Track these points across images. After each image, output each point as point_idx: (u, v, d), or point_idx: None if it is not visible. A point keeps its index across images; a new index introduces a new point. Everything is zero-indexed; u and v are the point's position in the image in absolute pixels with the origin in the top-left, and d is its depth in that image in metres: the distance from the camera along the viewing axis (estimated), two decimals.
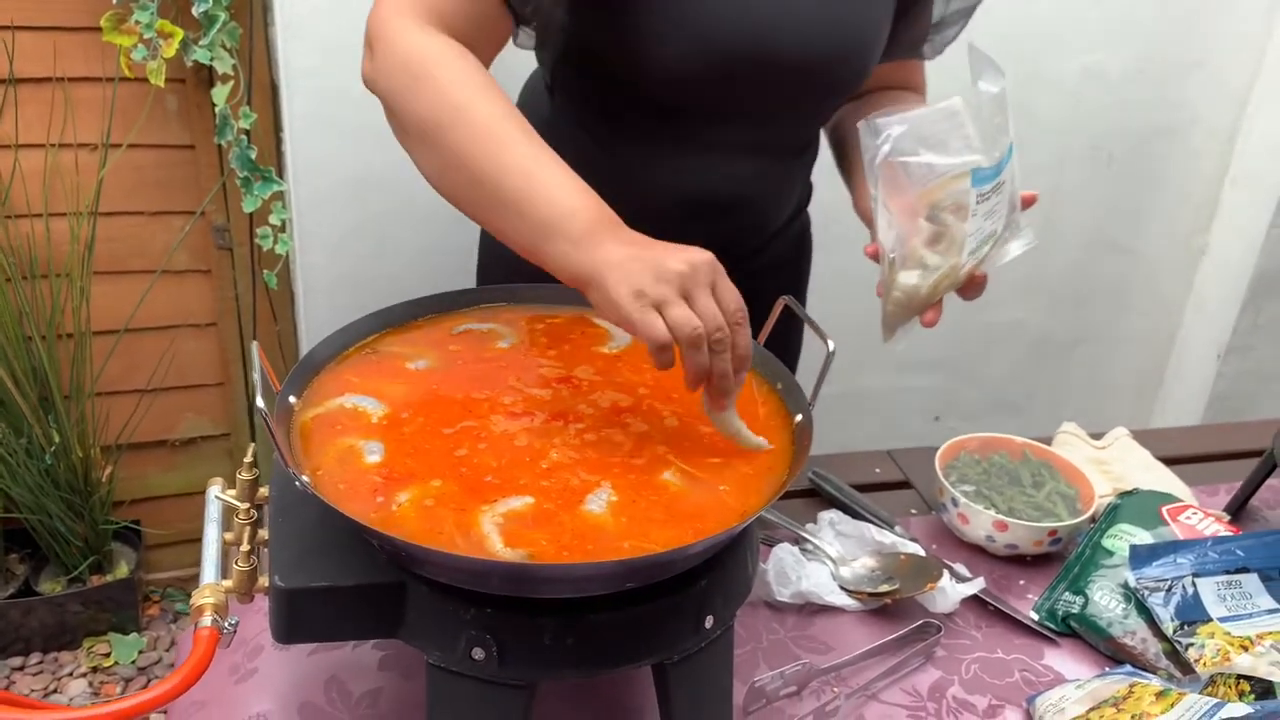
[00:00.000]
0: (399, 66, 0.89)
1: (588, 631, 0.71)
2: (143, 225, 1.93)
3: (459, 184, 0.86)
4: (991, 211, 0.91)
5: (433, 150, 0.87)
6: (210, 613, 0.72)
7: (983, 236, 0.92)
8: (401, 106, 0.89)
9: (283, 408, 0.80)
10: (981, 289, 0.98)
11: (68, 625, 2.10)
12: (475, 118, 0.85)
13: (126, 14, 1.67)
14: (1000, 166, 0.89)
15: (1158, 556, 0.99)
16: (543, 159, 0.83)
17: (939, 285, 0.94)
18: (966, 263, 0.93)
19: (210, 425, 2.16)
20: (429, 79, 0.87)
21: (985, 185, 0.88)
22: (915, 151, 0.87)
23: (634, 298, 0.74)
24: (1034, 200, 0.97)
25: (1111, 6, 2.12)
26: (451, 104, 0.86)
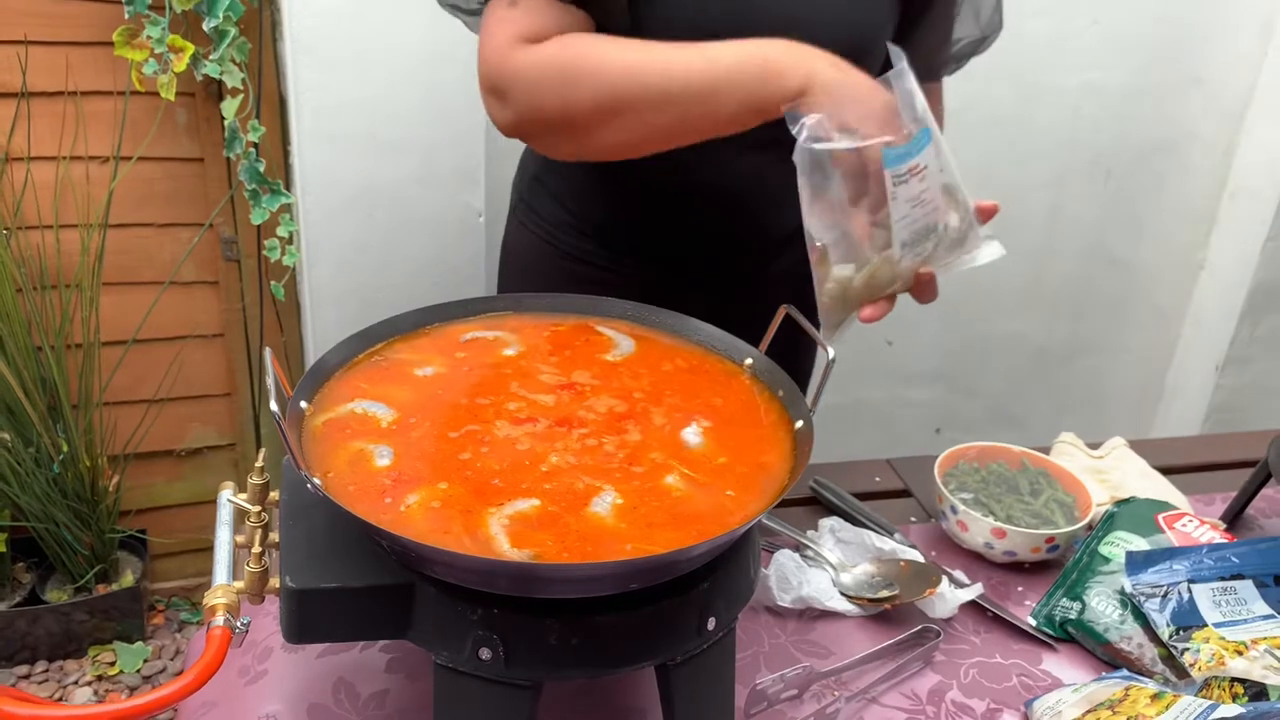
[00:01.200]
0: (545, 81, 0.95)
1: (593, 632, 0.72)
2: (152, 237, 1.95)
3: (667, 117, 0.93)
4: (919, 200, 0.91)
5: (618, 117, 0.94)
6: (223, 612, 0.74)
7: (916, 227, 0.92)
8: (569, 107, 0.94)
9: (294, 412, 0.81)
10: (933, 290, 0.98)
11: (73, 634, 2.12)
12: (637, 59, 0.92)
13: (138, 29, 1.70)
14: (913, 148, 0.89)
15: (1154, 563, 1.01)
16: (700, 47, 0.92)
17: (875, 276, 0.95)
18: (903, 256, 0.93)
19: (216, 435, 2.18)
20: (573, 70, 0.94)
21: (900, 165, 0.89)
22: (828, 137, 0.89)
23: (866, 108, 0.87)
24: (994, 211, 0.97)
25: (1109, 24, 2.14)
26: (604, 71, 0.93)
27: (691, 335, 0.98)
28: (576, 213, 1.22)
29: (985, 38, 1.20)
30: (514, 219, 1.31)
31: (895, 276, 0.95)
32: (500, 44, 0.97)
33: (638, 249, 1.22)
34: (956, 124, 1.32)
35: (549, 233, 1.25)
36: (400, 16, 1.69)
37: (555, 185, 1.24)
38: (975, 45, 1.20)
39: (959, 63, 1.22)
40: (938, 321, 2.30)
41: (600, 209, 1.21)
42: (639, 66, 0.92)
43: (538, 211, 1.26)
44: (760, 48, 0.90)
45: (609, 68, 0.93)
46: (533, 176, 1.27)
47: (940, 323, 2.32)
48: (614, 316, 1.01)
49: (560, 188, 1.23)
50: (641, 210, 1.19)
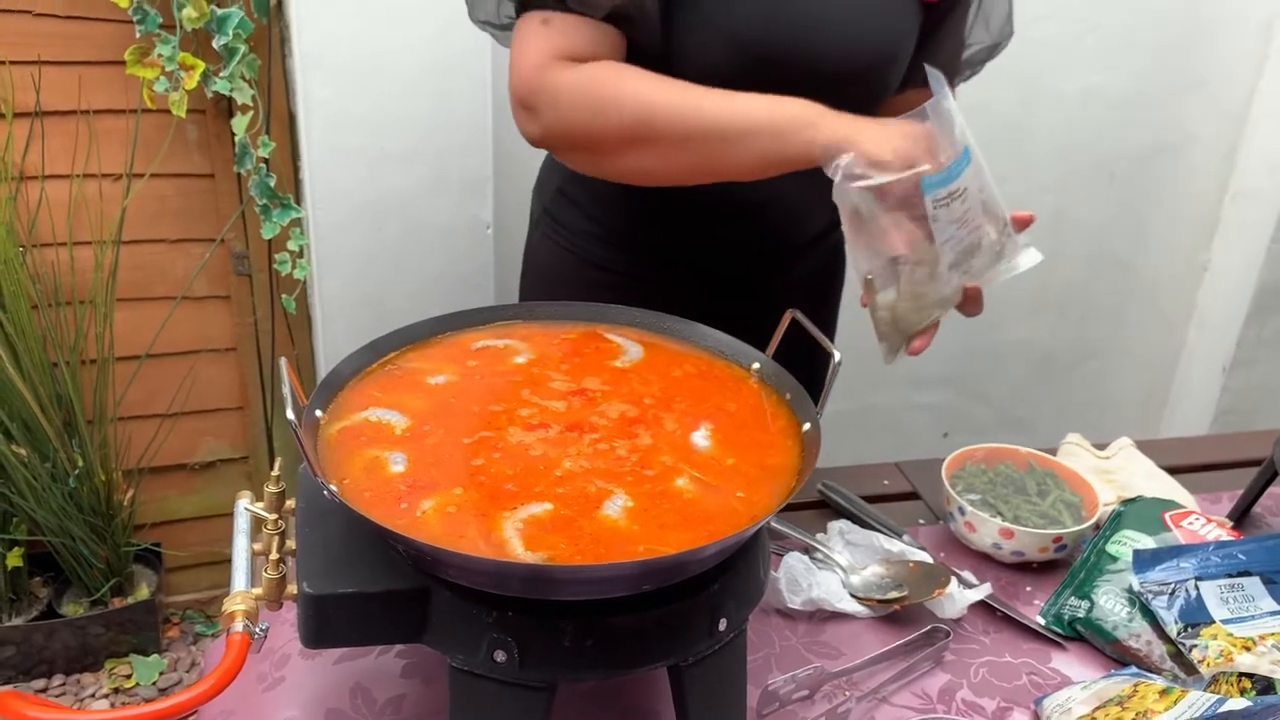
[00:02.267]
0: (577, 102, 0.98)
1: (606, 634, 0.73)
2: (164, 253, 1.97)
3: (691, 153, 0.97)
4: (962, 220, 0.92)
5: (648, 146, 0.97)
6: (242, 618, 0.76)
7: (960, 247, 0.94)
8: (597, 132, 0.98)
9: (309, 421, 0.83)
10: (980, 304, 1.00)
11: (90, 647, 2.13)
12: (667, 98, 0.95)
13: (149, 48, 1.73)
14: (952, 173, 0.91)
15: (1161, 561, 1.01)
16: (728, 94, 0.95)
17: (924, 302, 0.96)
18: (949, 276, 0.95)
19: (229, 449, 2.20)
20: (610, 95, 0.97)
21: (939, 190, 0.90)
22: (866, 174, 0.90)
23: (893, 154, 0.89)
24: (1030, 221, 0.99)
25: (1111, 29, 2.16)
26: (643, 101, 0.96)
27: (699, 341, 1.00)
28: (603, 223, 1.24)
29: (997, 44, 1.21)
30: (537, 231, 1.32)
31: (944, 298, 0.97)
32: (534, 60, 0.99)
33: (663, 257, 1.23)
34: None
35: (574, 244, 1.26)
36: (408, 30, 1.71)
37: (581, 197, 1.25)
38: (988, 52, 1.22)
39: (973, 69, 1.24)
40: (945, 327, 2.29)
41: (625, 220, 1.23)
42: (672, 103, 0.95)
43: (563, 223, 1.27)
44: (791, 104, 0.94)
45: (642, 100, 0.96)
46: (557, 189, 1.28)
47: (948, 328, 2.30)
48: (622, 324, 1.02)
49: (586, 200, 1.25)
50: (667, 220, 1.20)
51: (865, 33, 1.08)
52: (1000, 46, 1.21)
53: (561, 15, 0.99)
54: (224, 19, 1.70)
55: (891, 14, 1.09)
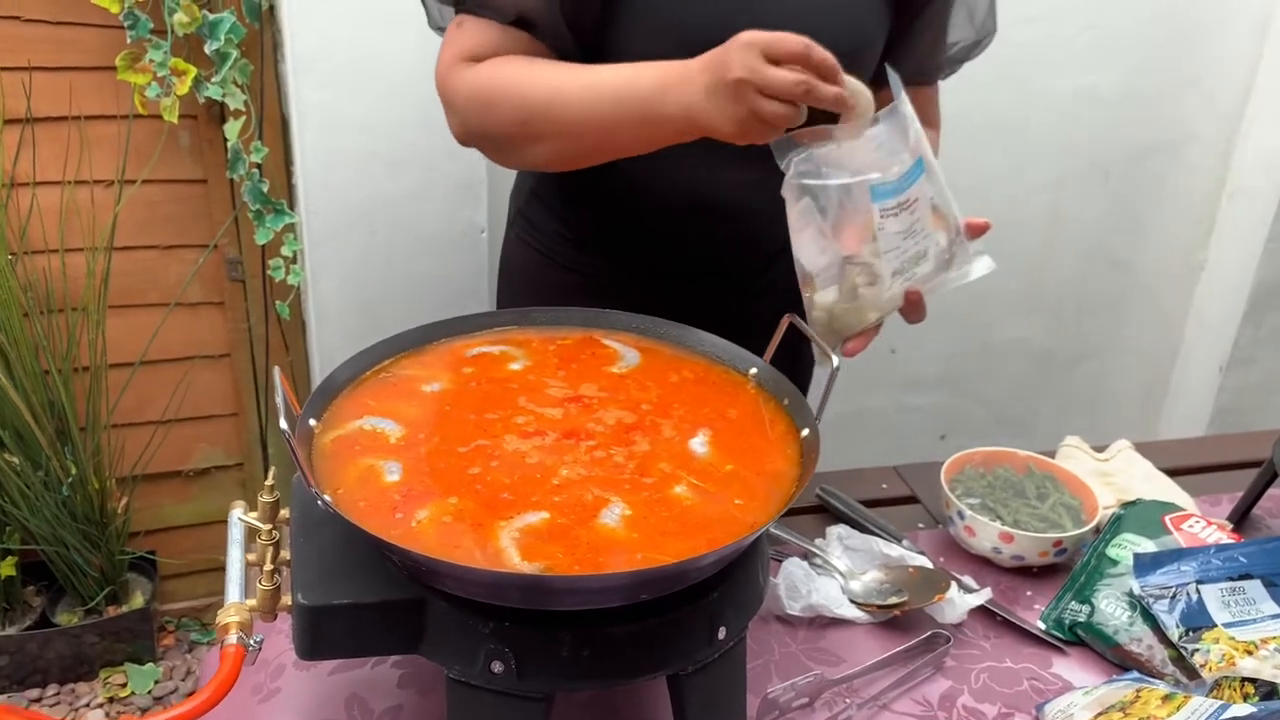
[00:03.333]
0: (472, 104, 1.02)
1: (604, 643, 0.73)
2: (157, 259, 1.96)
3: (573, 145, 1.00)
4: (910, 231, 0.92)
5: (540, 140, 1.00)
6: (236, 630, 0.75)
7: (904, 256, 0.93)
8: (492, 130, 1.02)
9: (303, 430, 0.82)
10: (921, 310, 1.00)
11: (84, 656, 2.12)
12: (540, 92, 0.98)
13: (141, 53, 1.72)
14: (903, 183, 0.91)
15: (1162, 565, 1.01)
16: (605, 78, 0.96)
17: (862, 305, 0.95)
18: (891, 283, 0.94)
19: (224, 456, 2.18)
20: (496, 93, 1.00)
21: (888, 200, 0.90)
22: (817, 173, 0.90)
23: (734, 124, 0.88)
24: (985, 228, 0.98)
25: (1105, 28, 2.15)
26: (522, 97, 0.99)
27: (696, 346, 0.99)
28: (574, 226, 1.23)
29: (979, 41, 1.20)
30: (511, 233, 1.32)
31: (883, 302, 0.96)
32: (445, 62, 1.04)
33: (635, 261, 1.22)
34: (954, 130, 1.33)
35: (547, 246, 1.26)
36: (399, 35, 1.70)
37: (552, 199, 1.25)
38: (969, 49, 1.21)
39: (953, 66, 1.23)
40: (941, 328, 2.30)
41: (597, 222, 1.22)
42: (546, 98, 0.98)
43: (535, 225, 1.27)
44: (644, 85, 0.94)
45: (519, 96, 0.99)
46: (530, 191, 1.28)
47: (943, 329, 2.32)
48: (619, 329, 1.01)
49: (557, 202, 1.24)
50: (637, 223, 1.20)
51: (826, 32, 1.06)
52: (983, 43, 1.20)
53: (473, 19, 1.03)
54: (215, 24, 1.69)
55: (856, 10, 1.08)
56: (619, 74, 0.96)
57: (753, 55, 0.86)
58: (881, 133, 0.92)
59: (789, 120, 0.87)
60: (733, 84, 0.86)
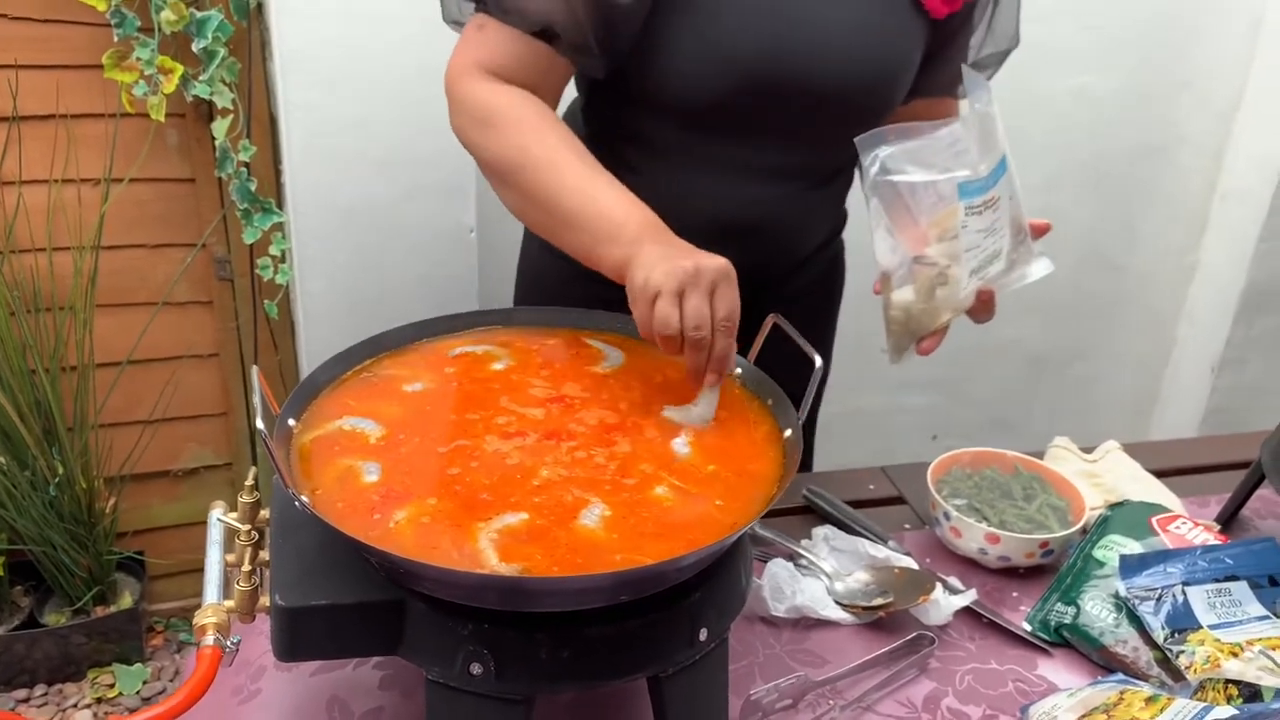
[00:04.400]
0: (471, 119, 1.01)
1: (583, 645, 0.72)
2: (144, 258, 1.95)
3: (536, 217, 1.01)
4: (991, 229, 0.92)
5: (510, 189, 1.01)
6: (213, 632, 0.74)
7: (983, 255, 0.93)
8: (478, 154, 1.02)
9: (282, 430, 0.81)
10: (992, 310, 1.00)
11: (72, 657, 2.11)
12: (538, 155, 0.97)
13: (127, 51, 1.71)
14: (990, 181, 0.90)
15: (1148, 566, 1.01)
16: (597, 180, 0.96)
17: (938, 305, 0.95)
18: (968, 282, 0.94)
19: (213, 455, 2.18)
20: (495, 127, 0.99)
21: (975, 198, 0.90)
22: (903, 169, 0.89)
23: (641, 285, 0.85)
24: (1046, 229, 0.99)
25: (1099, 30, 2.15)
26: (516, 146, 0.98)
27: None
28: None
29: (1007, 51, 1.22)
30: (534, 241, 1.30)
31: (958, 302, 0.96)
32: (460, 63, 1.03)
33: None
34: None
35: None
36: (389, 33, 1.69)
37: None
38: (999, 59, 1.22)
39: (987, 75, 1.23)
40: None
41: None
42: (536, 165, 0.97)
43: None
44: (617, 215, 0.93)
45: (510, 142, 0.99)
46: None
47: None
48: (603, 329, 1.01)
49: None
50: None
51: (866, 53, 1.07)
52: (1008, 53, 1.22)
53: (496, 24, 1.01)
54: (203, 22, 1.68)
55: (893, 33, 1.09)
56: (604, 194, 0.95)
57: (709, 274, 0.86)
58: (968, 128, 0.92)
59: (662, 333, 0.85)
60: (677, 269, 0.84)
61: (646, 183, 1.09)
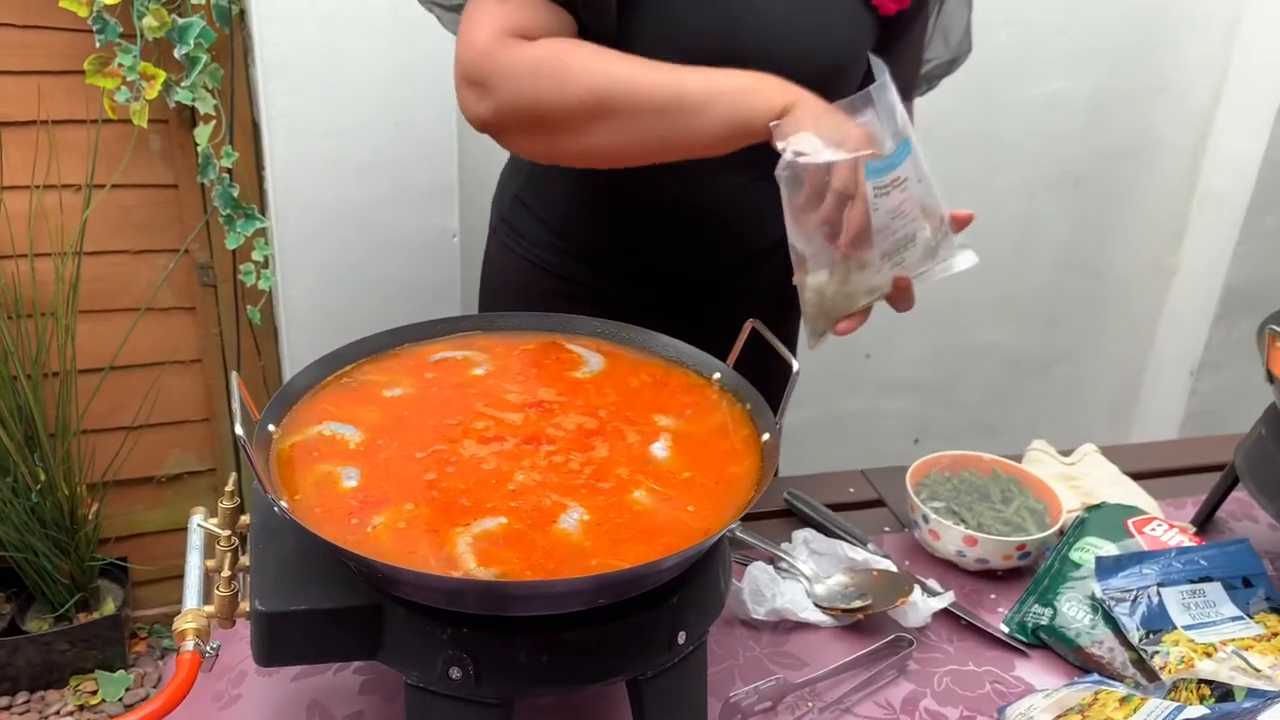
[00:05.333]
0: (534, 76, 0.96)
1: (562, 649, 0.73)
2: (127, 264, 1.95)
3: (649, 127, 0.95)
4: (898, 210, 0.92)
5: (606, 120, 0.95)
6: (192, 637, 0.75)
7: (895, 238, 0.94)
8: (555, 106, 0.96)
9: (262, 436, 0.81)
10: (910, 297, 0.99)
11: (55, 664, 2.10)
12: (625, 70, 0.94)
13: (110, 57, 1.71)
14: (894, 160, 0.91)
15: (1123, 568, 1.02)
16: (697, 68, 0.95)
17: (853, 288, 0.96)
18: (881, 265, 0.95)
19: (196, 461, 2.17)
20: (567, 68, 0.95)
21: (881, 177, 0.90)
22: (815, 152, 0.90)
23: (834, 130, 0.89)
24: (968, 220, 0.99)
25: (1075, 34, 2.17)
26: (599, 72, 0.94)
27: (660, 350, 0.99)
28: (559, 231, 1.23)
29: (955, 59, 1.22)
30: (495, 239, 1.32)
31: (873, 286, 0.97)
32: (487, 35, 0.97)
33: (621, 266, 1.22)
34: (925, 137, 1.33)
35: (532, 252, 1.25)
36: (370, 40, 1.70)
37: (537, 205, 1.24)
38: (946, 67, 1.23)
39: (930, 84, 1.24)
40: (914, 333, 2.32)
41: (583, 228, 1.22)
42: (633, 74, 0.95)
43: (520, 231, 1.26)
44: (748, 74, 0.94)
45: (603, 71, 0.95)
46: (513, 196, 1.27)
47: (917, 334, 2.34)
48: (584, 334, 1.01)
49: (542, 207, 1.24)
50: (623, 228, 1.20)
51: (822, 42, 1.08)
52: (958, 61, 1.22)
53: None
54: (185, 28, 1.68)
55: (842, 25, 1.10)
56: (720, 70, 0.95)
57: None
58: (870, 118, 0.93)
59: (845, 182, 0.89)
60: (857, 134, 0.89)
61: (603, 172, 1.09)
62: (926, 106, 1.31)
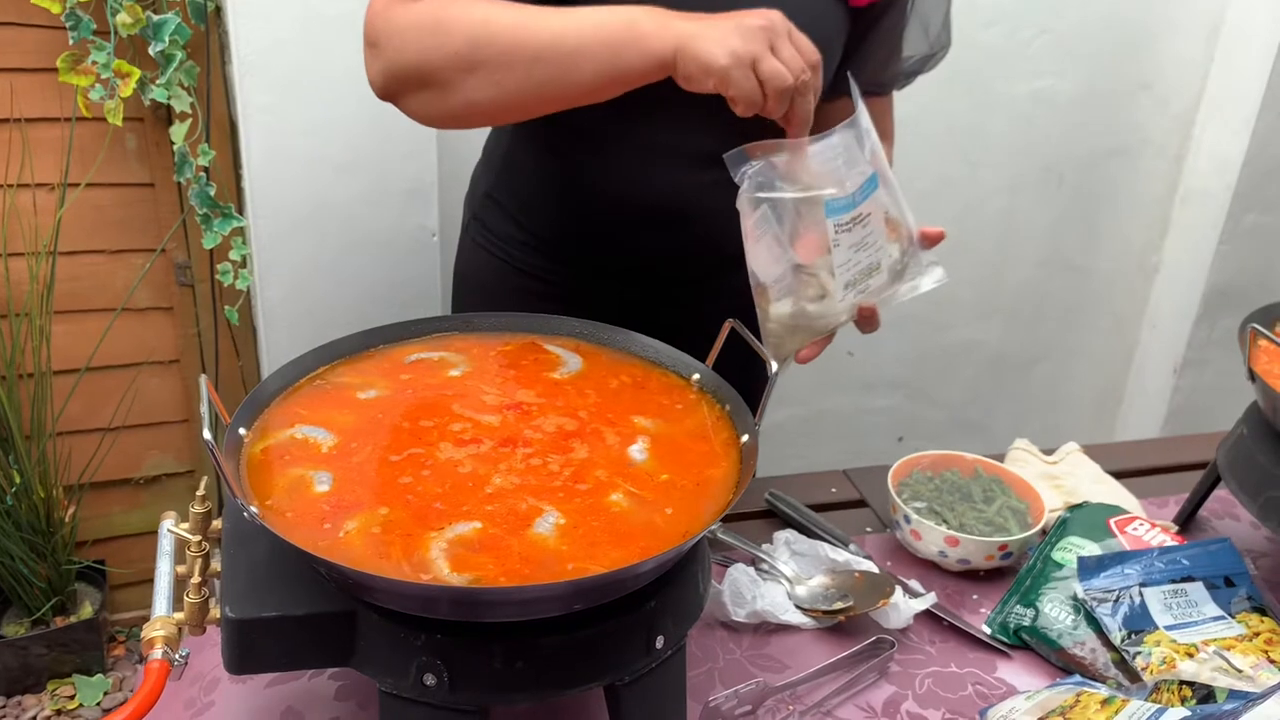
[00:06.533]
0: (419, 31, 0.95)
1: (538, 655, 0.72)
2: (103, 264, 1.93)
3: (524, 76, 0.92)
4: (862, 244, 0.92)
5: (485, 68, 0.93)
6: (161, 645, 0.73)
7: (857, 269, 0.93)
8: (436, 60, 0.94)
9: (233, 440, 0.80)
10: (875, 322, 0.99)
11: (32, 668, 2.08)
12: (504, 17, 0.92)
13: (83, 54, 1.68)
14: (856, 198, 0.91)
15: (1105, 568, 1.01)
16: (574, 8, 0.90)
17: (812, 319, 0.96)
18: (844, 295, 0.94)
19: (174, 463, 2.15)
20: (446, 19, 0.93)
21: (842, 215, 0.90)
22: (772, 185, 0.90)
23: (729, 57, 0.83)
24: (940, 237, 0.98)
25: (1058, 33, 2.17)
26: (477, 20, 0.92)
27: (639, 351, 0.98)
28: (531, 229, 1.22)
29: (934, 54, 1.21)
30: (466, 237, 1.31)
31: (835, 314, 0.96)
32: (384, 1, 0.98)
33: (593, 264, 1.21)
34: (910, 134, 1.33)
35: (504, 250, 1.24)
36: (347, 36, 1.67)
37: (509, 202, 1.23)
38: (923, 61, 1.21)
39: (908, 78, 1.23)
40: (898, 331, 2.32)
41: (554, 225, 1.21)
42: (501, 22, 0.92)
43: (491, 229, 1.26)
44: (624, 13, 0.90)
45: (480, 19, 0.93)
46: (485, 194, 1.26)
47: (900, 332, 2.33)
48: (562, 334, 1.00)
49: (514, 204, 1.23)
50: (595, 226, 1.19)
51: None
52: (937, 56, 1.21)
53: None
54: (160, 25, 1.66)
55: (813, 15, 1.08)
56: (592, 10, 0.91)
57: (780, 23, 0.86)
58: (836, 145, 0.92)
59: (779, 90, 0.86)
60: (754, 27, 0.85)
61: (573, 169, 1.08)
62: (911, 104, 1.30)
